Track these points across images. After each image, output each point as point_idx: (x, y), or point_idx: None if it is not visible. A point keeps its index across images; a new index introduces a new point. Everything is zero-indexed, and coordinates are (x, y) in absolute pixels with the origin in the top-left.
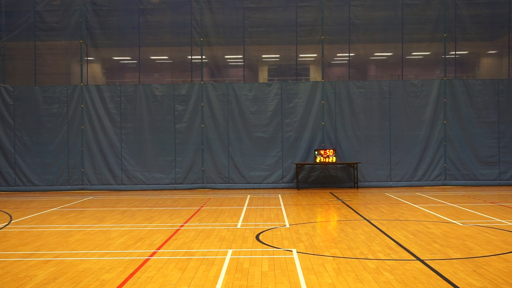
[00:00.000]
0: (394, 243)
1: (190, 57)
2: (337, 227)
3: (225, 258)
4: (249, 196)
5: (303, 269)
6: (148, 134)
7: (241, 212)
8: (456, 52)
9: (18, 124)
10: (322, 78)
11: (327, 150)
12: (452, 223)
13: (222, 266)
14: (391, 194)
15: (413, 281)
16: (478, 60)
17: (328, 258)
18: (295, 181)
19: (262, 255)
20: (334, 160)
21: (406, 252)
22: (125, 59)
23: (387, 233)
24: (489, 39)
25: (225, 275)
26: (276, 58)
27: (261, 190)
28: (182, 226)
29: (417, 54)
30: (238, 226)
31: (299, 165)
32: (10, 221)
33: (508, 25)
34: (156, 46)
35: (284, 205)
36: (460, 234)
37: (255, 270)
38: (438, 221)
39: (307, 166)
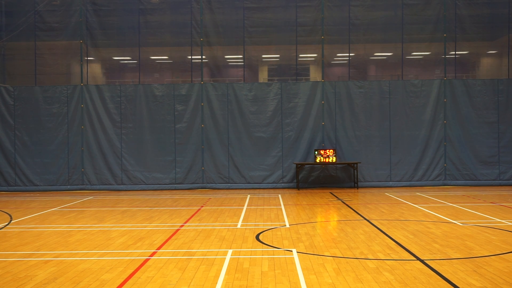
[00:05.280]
0: (394, 243)
1: (190, 57)
2: (337, 227)
3: (225, 258)
4: (249, 196)
5: (303, 269)
6: (148, 134)
7: (241, 212)
8: (456, 52)
9: (18, 124)
10: (322, 78)
11: (327, 150)
12: (452, 223)
13: (222, 266)
14: (391, 194)
15: (413, 281)
16: (478, 60)
17: (328, 258)
18: (295, 181)
19: (262, 255)
20: (334, 160)
21: (406, 252)
22: (125, 59)
23: (387, 233)
24: (489, 39)
25: (225, 275)
26: (276, 58)
27: (261, 190)
28: (182, 226)
29: (417, 54)
30: (238, 226)
31: (299, 165)
32: (10, 221)
33: (508, 25)
34: (156, 46)
35: (284, 205)
36: (460, 234)
37: (255, 270)
38: (438, 221)
39: (307, 166)
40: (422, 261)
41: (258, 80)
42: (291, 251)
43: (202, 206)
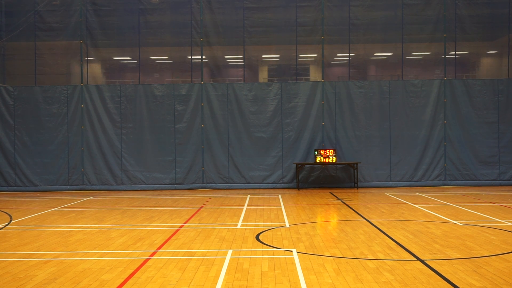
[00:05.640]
0: (394, 243)
1: (190, 57)
2: (337, 227)
3: (225, 258)
4: (249, 196)
5: (303, 269)
6: (148, 134)
7: (241, 212)
8: (456, 52)
9: (18, 124)
10: (322, 78)
11: (327, 150)
12: (452, 223)
13: (222, 266)
14: (391, 194)
15: (413, 281)
16: (478, 60)
17: (328, 258)
18: (295, 181)
19: (262, 255)
20: (334, 160)
21: (406, 252)
22: (125, 59)
23: (387, 233)
24: (489, 39)
25: (225, 275)
26: (276, 58)
27: (261, 190)
28: (182, 226)
29: (417, 54)
30: (238, 226)
31: (299, 165)
32: (10, 221)
33: (508, 25)
34: (156, 46)
35: (284, 205)
36: (460, 234)
37: (255, 270)
38: (438, 221)
39: (307, 166)
40: (422, 261)
41: (258, 80)
42: (291, 251)
43: (202, 206)
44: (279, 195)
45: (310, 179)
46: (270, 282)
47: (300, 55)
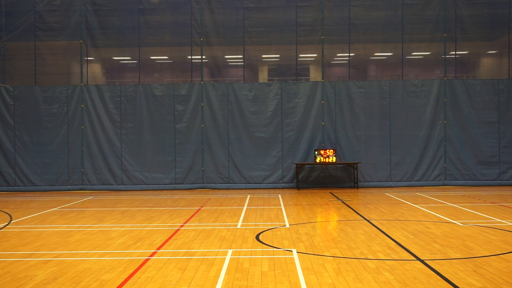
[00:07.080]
0: (394, 243)
1: (190, 57)
2: (337, 227)
3: (225, 258)
4: (249, 196)
5: (303, 269)
6: (148, 134)
7: (241, 212)
8: (456, 52)
9: (18, 124)
10: (322, 78)
11: (327, 150)
12: (452, 223)
13: (222, 266)
14: (391, 194)
15: (413, 281)
16: (478, 60)
17: (328, 258)
18: (295, 181)
19: (262, 255)
20: (334, 160)
21: (406, 252)
22: (125, 59)
23: (387, 233)
24: (489, 39)
25: (225, 275)
26: (276, 58)
27: (261, 190)
28: (182, 226)
29: (417, 54)
30: (238, 226)
31: (299, 165)
32: (10, 221)
33: (508, 25)
34: (156, 46)
35: (284, 205)
36: (460, 234)
37: (255, 270)
38: (438, 221)
39: (307, 166)
40: (422, 261)
41: (258, 80)
42: (291, 251)
43: (202, 206)
44: (279, 195)
45: (310, 179)
46: (270, 282)
47: (300, 55)
